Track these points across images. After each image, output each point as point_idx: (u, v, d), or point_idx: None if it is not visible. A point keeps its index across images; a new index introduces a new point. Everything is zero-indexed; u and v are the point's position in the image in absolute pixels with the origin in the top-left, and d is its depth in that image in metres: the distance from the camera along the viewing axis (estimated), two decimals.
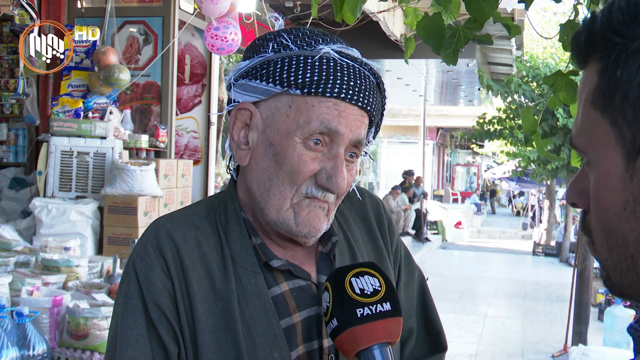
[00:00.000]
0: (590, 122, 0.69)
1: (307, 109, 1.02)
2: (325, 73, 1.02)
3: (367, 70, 1.07)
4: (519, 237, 19.86)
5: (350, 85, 1.02)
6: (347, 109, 1.03)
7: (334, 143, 1.03)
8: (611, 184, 0.67)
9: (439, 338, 1.26)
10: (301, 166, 1.02)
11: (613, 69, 0.65)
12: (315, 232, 1.06)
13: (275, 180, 1.04)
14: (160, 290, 1.02)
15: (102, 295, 2.75)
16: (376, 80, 1.09)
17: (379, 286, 0.98)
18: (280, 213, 1.05)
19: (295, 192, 1.04)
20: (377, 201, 1.28)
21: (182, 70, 5.53)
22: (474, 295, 10.19)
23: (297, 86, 1.02)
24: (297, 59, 1.03)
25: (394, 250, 1.24)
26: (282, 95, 1.04)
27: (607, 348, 6.22)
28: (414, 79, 13.75)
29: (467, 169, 34.46)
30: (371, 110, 1.06)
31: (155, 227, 1.08)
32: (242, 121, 1.08)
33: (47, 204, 3.89)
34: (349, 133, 1.03)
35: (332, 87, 1.01)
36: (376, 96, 1.07)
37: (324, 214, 1.07)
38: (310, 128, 1.01)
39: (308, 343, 1.07)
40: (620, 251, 0.68)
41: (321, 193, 1.04)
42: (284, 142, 1.03)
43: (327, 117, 1.01)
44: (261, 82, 1.05)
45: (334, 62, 1.03)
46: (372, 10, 6.45)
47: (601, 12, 0.67)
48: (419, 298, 1.26)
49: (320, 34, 1.08)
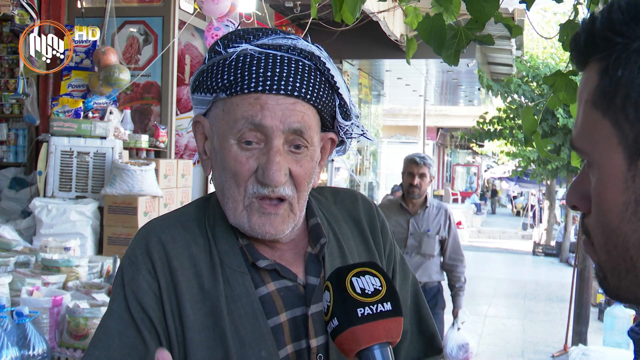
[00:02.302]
0: (592, 123, 0.68)
1: (233, 109, 1.04)
2: (240, 70, 1.03)
3: (298, 56, 1.05)
4: (519, 237, 19.86)
5: (268, 76, 1.02)
6: (269, 100, 1.02)
7: (267, 137, 1.03)
8: (613, 185, 0.66)
9: (433, 340, 1.27)
10: (237, 167, 1.04)
11: (614, 69, 0.65)
12: (270, 236, 1.07)
13: (226, 185, 1.07)
14: (145, 291, 1.04)
15: (102, 295, 2.75)
16: (314, 64, 1.06)
17: (380, 286, 0.98)
18: (236, 215, 1.07)
19: (244, 193, 1.05)
20: (370, 204, 1.27)
21: (182, 70, 5.53)
22: (474, 295, 10.19)
23: (221, 89, 1.04)
24: (218, 64, 1.05)
25: (387, 254, 1.24)
26: (218, 102, 1.07)
27: (607, 348, 6.21)
28: (414, 79, 13.74)
29: (467, 169, 34.47)
30: (304, 95, 1.04)
31: (145, 230, 1.11)
32: (200, 133, 1.12)
33: (47, 204, 3.89)
34: (278, 124, 1.02)
35: (248, 82, 1.02)
36: (312, 80, 1.05)
37: (280, 218, 1.07)
38: (238, 127, 1.03)
39: (296, 342, 1.08)
40: (619, 253, 0.67)
41: (268, 189, 1.04)
42: (223, 146, 1.06)
43: (250, 113, 1.02)
44: (199, 93, 1.08)
45: (251, 57, 1.03)
46: (372, 10, 6.45)
47: (600, 13, 0.67)
48: (413, 300, 1.26)
49: (253, 31, 1.08)
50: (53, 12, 4.62)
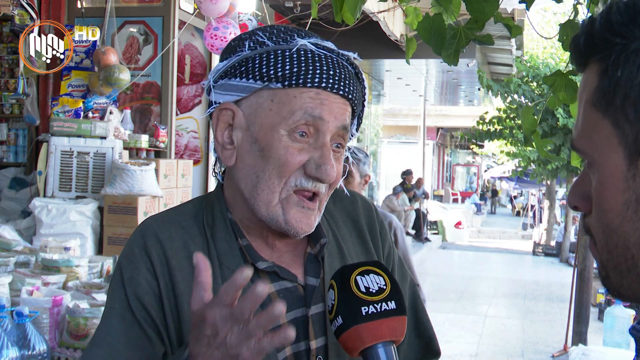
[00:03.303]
0: (592, 124, 0.69)
1: (289, 100, 1.03)
2: (304, 64, 1.03)
3: (344, 61, 1.08)
4: (519, 237, 19.86)
5: (330, 75, 1.04)
6: (329, 97, 1.04)
7: (319, 132, 1.04)
8: (613, 185, 0.66)
9: (430, 342, 1.26)
10: (288, 158, 1.03)
11: (613, 70, 0.66)
12: (303, 232, 1.07)
13: (263, 176, 1.04)
14: (145, 290, 1.04)
15: (102, 295, 2.75)
16: (354, 70, 1.10)
17: (384, 285, 0.98)
18: (269, 208, 1.05)
19: (284, 185, 1.04)
20: (369, 205, 1.28)
21: (182, 70, 5.53)
22: (474, 295, 10.19)
23: (277, 80, 1.03)
24: (274, 54, 1.04)
25: (386, 255, 1.24)
26: (263, 91, 1.04)
27: (607, 348, 6.21)
28: (414, 79, 13.75)
29: (467, 169, 34.48)
30: (352, 99, 1.07)
31: (142, 228, 1.10)
32: (225, 121, 1.08)
33: (47, 204, 3.89)
34: (333, 120, 1.04)
35: (312, 77, 1.02)
36: (356, 85, 1.08)
37: (313, 214, 1.07)
38: (295, 118, 1.02)
39: (295, 344, 1.07)
40: (620, 252, 0.68)
41: (311, 184, 1.04)
42: (269, 137, 1.03)
43: (311, 106, 1.02)
44: (241, 79, 1.05)
45: (312, 53, 1.04)
46: (372, 10, 6.45)
47: (599, 14, 0.68)
48: (410, 302, 1.26)
49: (295, 29, 1.09)
50: (53, 12, 4.62)
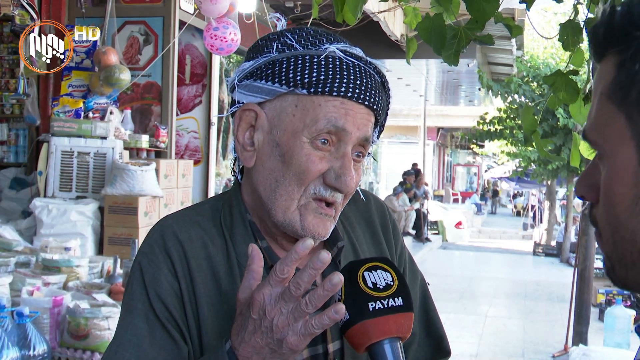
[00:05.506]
0: (605, 116, 0.68)
1: (313, 108, 1.02)
2: (331, 72, 1.01)
3: (372, 69, 1.06)
4: (519, 237, 19.84)
5: (357, 84, 1.02)
6: (353, 107, 1.02)
7: (341, 142, 1.03)
8: (623, 178, 0.66)
9: (441, 342, 1.25)
10: (309, 165, 1.01)
11: (631, 63, 0.65)
12: (319, 237, 1.06)
13: (282, 181, 1.03)
14: (168, 291, 1.02)
15: (102, 295, 2.75)
16: (381, 79, 1.08)
17: (392, 281, 0.98)
18: (286, 214, 1.04)
19: (302, 192, 1.03)
20: (382, 205, 1.27)
21: (182, 71, 5.54)
22: (474, 295, 10.19)
23: (303, 86, 1.01)
24: (302, 59, 1.02)
25: (399, 255, 1.24)
26: (288, 95, 1.03)
27: (607, 348, 6.21)
28: (415, 79, 13.75)
29: (468, 169, 34.45)
30: (377, 109, 1.06)
31: (161, 227, 1.08)
32: (247, 122, 1.06)
33: (47, 204, 3.90)
34: (356, 131, 1.03)
35: (338, 86, 1.01)
36: (381, 95, 1.07)
37: (330, 221, 1.06)
38: (318, 127, 1.01)
39: (312, 347, 1.06)
40: (626, 245, 0.67)
41: (329, 193, 1.04)
42: (290, 142, 1.02)
43: (335, 116, 1.01)
44: (266, 82, 1.04)
45: (340, 61, 1.02)
46: (372, 10, 6.45)
47: (621, 5, 0.67)
48: (421, 302, 1.25)
49: (324, 33, 1.08)
50: (53, 12, 4.62)
